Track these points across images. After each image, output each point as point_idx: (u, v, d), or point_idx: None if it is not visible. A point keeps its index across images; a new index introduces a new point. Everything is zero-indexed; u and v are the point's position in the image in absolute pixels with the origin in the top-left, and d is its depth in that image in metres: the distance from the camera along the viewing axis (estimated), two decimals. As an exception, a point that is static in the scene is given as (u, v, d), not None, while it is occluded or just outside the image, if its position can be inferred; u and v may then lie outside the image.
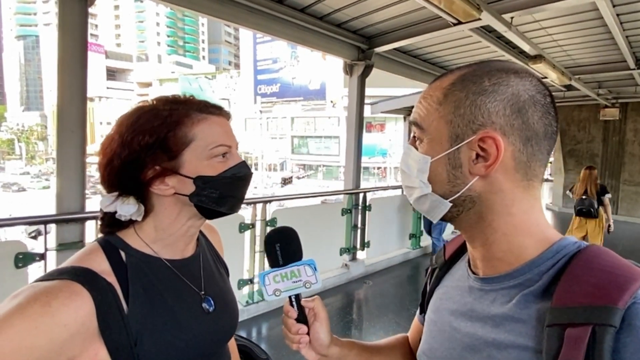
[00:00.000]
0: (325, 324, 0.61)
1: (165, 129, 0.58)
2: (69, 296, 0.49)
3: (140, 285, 0.58)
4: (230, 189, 0.63)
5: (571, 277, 0.41)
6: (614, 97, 7.22)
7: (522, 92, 0.44)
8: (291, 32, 3.32)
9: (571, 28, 3.63)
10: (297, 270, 0.60)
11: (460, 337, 0.50)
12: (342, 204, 4.15)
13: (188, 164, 0.60)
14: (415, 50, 4.50)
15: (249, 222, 3.14)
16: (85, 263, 0.55)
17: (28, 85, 70.69)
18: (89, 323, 0.51)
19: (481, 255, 0.50)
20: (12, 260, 1.97)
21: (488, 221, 0.47)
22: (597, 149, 8.38)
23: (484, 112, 0.44)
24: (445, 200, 0.48)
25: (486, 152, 0.44)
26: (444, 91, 0.48)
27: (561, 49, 4.27)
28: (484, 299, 0.48)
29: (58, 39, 2.12)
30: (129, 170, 0.58)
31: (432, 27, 3.34)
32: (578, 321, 0.37)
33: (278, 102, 40.08)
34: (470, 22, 2.82)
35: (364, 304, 3.69)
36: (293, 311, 0.60)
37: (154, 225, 0.63)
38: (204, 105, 0.63)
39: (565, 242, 0.45)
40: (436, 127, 0.48)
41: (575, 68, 5.02)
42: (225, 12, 2.88)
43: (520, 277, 0.45)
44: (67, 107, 2.15)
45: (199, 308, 0.65)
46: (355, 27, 3.63)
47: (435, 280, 0.63)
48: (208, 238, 0.80)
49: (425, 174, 0.48)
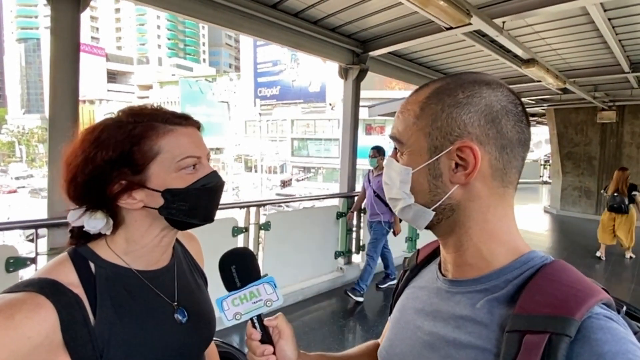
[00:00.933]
0: (291, 340, 0.60)
1: (129, 142, 0.57)
2: (32, 309, 0.49)
3: (108, 297, 0.58)
4: (200, 200, 0.62)
5: (535, 287, 0.42)
6: (611, 100, 7.23)
7: (495, 103, 0.47)
8: (286, 36, 3.34)
9: (564, 32, 3.65)
10: (257, 289, 0.58)
11: (421, 335, 0.51)
12: (337, 207, 4.15)
13: (155, 178, 0.59)
14: (409, 54, 4.53)
15: (243, 226, 3.14)
16: (53, 274, 0.55)
17: (29, 88, 70.86)
18: (52, 335, 0.51)
19: (453, 260, 0.51)
20: (3, 265, 1.98)
21: (465, 228, 0.49)
22: (594, 151, 8.39)
23: (460, 124, 0.46)
24: (429, 209, 0.49)
25: (465, 161, 0.46)
26: (420, 105, 0.49)
27: (555, 53, 4.29)
28: (450, 300, 0.50)
29: (51, 43, 2.13)
30: (94, 186, 0.58)
31: (425, 32, 3.36)
32: (537, 329, 0.39)
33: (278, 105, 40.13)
34: (461, 27, 2.84)
35: (358, 308, 3.68)
36: (256, 333, 0.58)
37: (125, 238, 0.62)
38: (170, 116, 0.62)
39: (534, 254, 0.47)
40: (415, 140, 0.49)
41: (569, 71, 5.03)
42: (222, 18, 2.90)
43: (487, 283, 0.47)
44: (60, 111, 2.16)
45: (170, 319, 0.64)
46: (350, 31, 3.65)
47: (404, 281, 0.64)
48: (186, 247, 0.78)
49: (407, 184, 0.50)
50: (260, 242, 3.33)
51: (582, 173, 8.60)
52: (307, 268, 3.80)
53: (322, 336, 2.98)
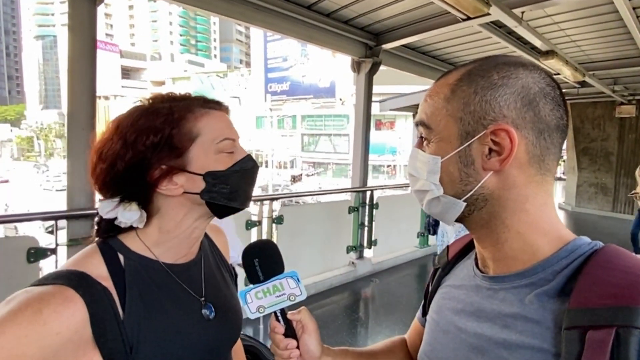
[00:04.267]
0: (315, 335, 0.58)
1: (169, 126, 0.56)
2: (61, 303, 0.48)
3: (137, 291, 0.56)
4: (240, 183, 0.61)
5: (590, 277, 0.39)
6: (630, 94, 7.00)
7: (532, 85, 0.44)
8: (299, 29, 3.32)
9: (585, 22, 3.53)
10: (280, 283, 0.57)
11: (465, 337, 0.48)
12: (349, 201, 4.14)
13: (196, 161, 0.58)
14: (423, 47, 4.45)
15: (256, 220, 3.16)
16: (82, 267, 0.53)
17: (47, 84, 72.42)
18: (82, 330, 0.49)
19: (492, 255, 0.48)
20: (25, 255, 2.03)
21: (501, 219, 0.45)
22: (612, 147, 8.15)
23: (495, 107, 0.43)
24: (459, 200, 0.46)
25: (499, 146, 0.43)
26: (450, 87, 0.46)
27: (574, 44, 4.16)
28: (493, 298, 0.46)
29: (68, 38, 2.16)
30: (134, 173, 0.56)
31: (440, 23, 3.29)
32: (600, 323, 0.35)
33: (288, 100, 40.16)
34: (479, 18, 2.77)
35: (370, 303, 3.68)
36: (280, 326, 0.57)
37: (158, 228, 0.60)
38: (204, 101, 0.61)
39: (580, 241, 0.44)
40: (445, 126, 0.46)
41: (589, 64, 4.89)
42: (235, 10, 2.90)
43: (533, 276, 0.43)
44: (77, 106, 2.20)
45: (198, 315, 0.63)
46: (363, 23, 3.61)
47: (437, 280, 0.61)
48: (213, 240, 0.77)
49: (436, 175, 0.47)
50: (273, 236, 3.35)
51: (598, 169, 8.37)
52: (319, 262, 3.81)
53: (335, 330, 2.99)
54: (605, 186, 8.34)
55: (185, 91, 0.64)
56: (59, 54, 61.58)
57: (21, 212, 11.47)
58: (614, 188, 8.17)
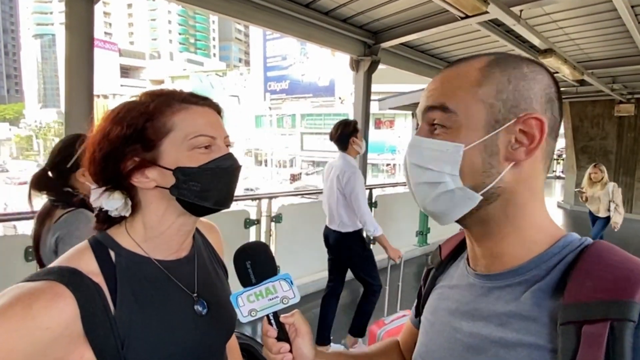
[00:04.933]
0: (308, 338, 0.57)
1: (143, 118, 0.57)
2: (51, 298, 0.48)
3: (129, 287, 0.56)
4: (213, 182, 0.59)
5: (583, 272, 0.39)
6: (629, 93, 7.02)
7: (552, 85, 0.45)
8: (298, 28, 3.32)
9: (584, 21, 3.53)
10: (273, 286, 0.56)
11: (461, 337, 0.48)
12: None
13: (167, 155, 0.57)
14: (422, 45, 4.45)
15: (255, 218, 3.16)
16: (73, 263, 0.53)
17: (45, 83, 72.29)
18: (72, 326, 0.49)
19: (488, 252, 0.47)
20: (22, 254, 2.03)
21: (506, 213, 0.45)
22: (611, 145, 8.17)
23: (527, 98, 0.43)
24: (477, 194, 0.43)
25: (527, 136, 0.42)
26: (481, 71, 0.44)
27: (573, 43, 4.16)
28: (488, 296, 0.46)
29: (65, 37, 2.16)
30: (109, 163, 0.57)
31: (438, 21, 3.29)
32: (594, 317, 0.35)
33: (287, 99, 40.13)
34: (477, 16, 2.77)
35: (369, 301, 3.68)
36: (272, 330, 0.56)
37: (142, 223, 0.61)
38: (187, 96, 0.60)
39: (571, 237, 0.44)
40: (472, 111, 0.43)
41: (588, 62, 4.89)
42: (234, 9, 2.90)
43: (526, 274, 0.43)
44: (75, 104, 2.20)
45: (190, 311, 0.63)
46: (361, 22, 3.61)
47: (431, 280, 0.60)
48: (206, 237, 0.76)
49: (455, 165, 0.43)
50: (272, 234, 3.35)
51: (598, 168, 8.38)
52: (317, 261, 3.80)
53: (333, 328, 2.99)
54: (604, 185, 8.35)
55: (177, 88, 0.64)
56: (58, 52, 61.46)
57: (19, 210, 11.38)
58: (613, 187, 8.16)
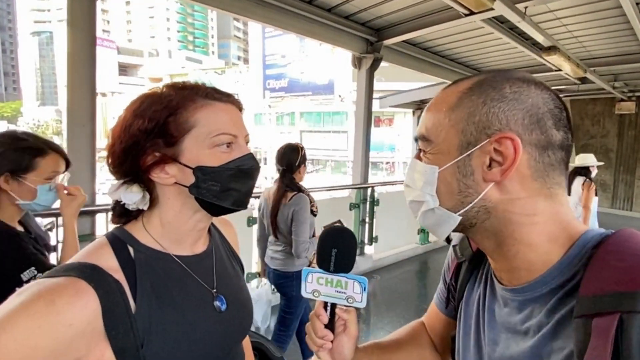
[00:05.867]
0: (353, 341, 0.58)
1: (166, 113, 0.55)
2: (74, 294, 0.47)
3: (148, 283, 0.55)
4: (233, 182, 0.58)
5: (599, 262, 0.38)
6: (630, 90, 7.00)
7: (542, 105, 0.44)
8: (299, 24, 3.29)
9: (587, 18, 3.52)
10: (346, 282, 0.55)
11: (500, 349, 0.48)
12: (350, 198, 4.13)
13: (188, 152, 0.56)
14: (425, 43, 4.43)
15: (257, 217, 3.14)
16: (93, 259, 0.53)
17: (43, 81, 72.04)
18: (94, 322, 0.48)
19: (504, 267, 0.48)
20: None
21: (509, 232, 0.45)
22: (611, 143, 8.17)
23: (502, 119, 0.43)
24: (454, 214, 0.45)
25: (502, 156, 0.42)
26: (459, 95, 0.46)
27: (576, 40, 4.15)
28: (522, 310, 0.46)
29: (68, 34, 2.13)
30: (129, 156, 0.56)
31: (442, 19, 3.27)
32: (605, 310, 0.35)
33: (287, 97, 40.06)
34: (482, 13, 2.75)
35: (371, 299, 3.68)
36: (325, 316, 0.56)
37: (159, 218, 0.60)
38: (211, 91, 0.59)
39: (591, 233, 0.43)
40: (445, 137, 0.46)
41: (590, 60, 4.88)
42: (234, 5, 2.88)
43: (552, 281, 0.43)
44: (77, 101, 2.18)
45: (210, 307, 0.62)
46: (364, 19, 3.59)
47: (465, 274, 0.59)
48: (222, 233, 0.76)
49: (432, 186, 0.46)
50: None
51: (597, 166, 8.40)
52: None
53: (336, 326, 2.98)
54: (604, 183, 8.36)
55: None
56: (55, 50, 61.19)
57: (19, 209, 11.37)
58: (613, 185, 8.19)
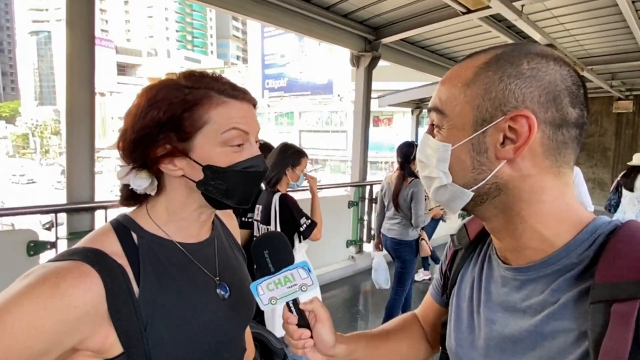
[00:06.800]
0: (328, 324, 0.58)
1: (182, 108, 0.55)
2: (78, 277, 0.48)
3: (151, 268, 0.56)
4: (239, 184, 0.59)
5: (614, 252, 0.39)
6: (628, 89, 7.04)
7: (560, 82, 0.43)
8: (297, 22, 3.31)
9: (584, 16, 3.54)
10: (291, 274, 0.56)
11: (497, 328, 0.48)
12: (348, 196, 4.15)
13: (199, 149, 0.56)
14: (423, 41, 4.45)
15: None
16: (97, 244, 0.54)
17: (41, 81, 71.82)
18: (98, 305, 0.49)
19: (510, 247, 0.48)
20: (25, 248, 2.03)
21: (516, 210, 0.45)
22: (609, 142, 8.20)
23: (518, 96, 0.42)
24: (467, 190, 0.46)
25: (516, 133, 0.42)
26: (475, 70, 0.45)
27: (573, 39, 4.17)
28: (522, 289, 0.46)
29: (66, 32, 2.14)
30: (140, 145, 0.56)
31: (440, 17, 3.28)
32: (625, 296, 0.35)
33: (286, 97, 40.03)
34: (479, 11, 2.77)
35: (370, 296, 3.69)
36: (293, 317, 0.57)
37: (165, 206, 0.61)
38: (228, 88, 0.59)
39: (600, 221, 0.44)
40: (459, 113, 0.45)
41: (587, 59, 4.90)
42: (233, 3, 2.89)
43: (557, 263, 0.43)
44: (76, 100, 2.18)
45: (213, 294, 0.63)
46: (362, 17, 3.60)
47: (460, 261, 0.60)
48: (224, 223, 0.76)
49: (445, 162, 0.46)
50: (273, 230, 3.35)
51: (595, 164, 8.42)
52: (319, 256, 3.81)
53: (335, 323, 2.96)
54: (602, 181, 8.39)
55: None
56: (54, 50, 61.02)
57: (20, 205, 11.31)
58: (611, 183, 8.20)
